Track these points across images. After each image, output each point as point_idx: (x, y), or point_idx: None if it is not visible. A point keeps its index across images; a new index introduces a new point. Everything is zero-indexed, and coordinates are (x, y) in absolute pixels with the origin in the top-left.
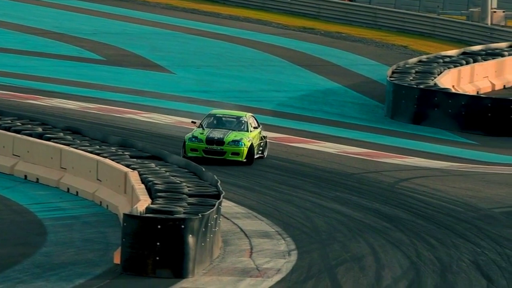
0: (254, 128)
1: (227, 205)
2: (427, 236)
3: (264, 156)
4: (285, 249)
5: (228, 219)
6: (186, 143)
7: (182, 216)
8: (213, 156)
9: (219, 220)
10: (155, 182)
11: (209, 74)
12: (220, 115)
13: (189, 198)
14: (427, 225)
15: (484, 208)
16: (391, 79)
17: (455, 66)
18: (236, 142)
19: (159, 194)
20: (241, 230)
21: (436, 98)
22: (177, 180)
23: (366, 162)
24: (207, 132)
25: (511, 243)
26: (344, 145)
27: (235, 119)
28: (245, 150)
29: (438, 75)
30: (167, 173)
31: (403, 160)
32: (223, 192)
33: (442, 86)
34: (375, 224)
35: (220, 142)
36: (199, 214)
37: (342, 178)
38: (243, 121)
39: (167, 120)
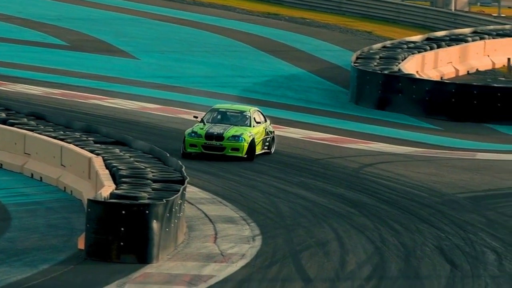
0: (258, 123)
1: (191, 191)
2: (391, 221)
3: (271, 152)
4: (249, 234)
5: (192, 204)
6: (186, 138)
7: (146, 201)
8: (212, 152)
9: (184, 206)
10: (120, 167)
11: (174, 60)
12: (223, 110)
13: (153, 184)
14: (391, 210)
15: (448, 193)
16: (356, 64)
17: (419, 52)
18: (236, 138)
19: (123, 179)
20: (206, 215)
21: (400, 84)
22: (142, 165)
23: (330, 148)
24: (207, 127)
25: (475, 228)
26: (308, 130)
27: (238, 114)
28: (246, 145)
29: (402, 60)
30: (132, 159)
31: (367, 145)
32: (188, 178)
33: (406, 72)
34: (340, 209)
35: (220, 137)
36: (164, 200)
37: (306, 163)
38: (246, 116)
39: (131, 105)
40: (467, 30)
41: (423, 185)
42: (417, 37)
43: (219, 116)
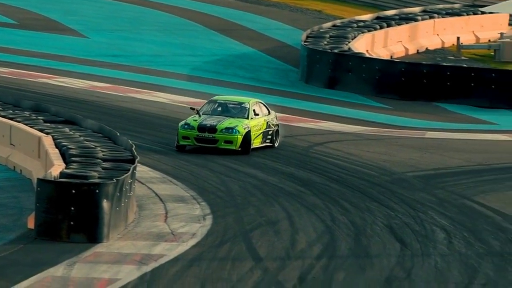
0: (256, 115)
1: (142, 170)
2: (341, 200)
3: (274, 145)
4: (200, 213)
5: (143, 183)
6: (179, 130)
7: (96, 181)
8: (205, 144)
9: (134, 185)
10: (69, 146)
11: (123, 38)
12: (222, 101)
13: (103, 163)
14: (341, 189)
15: (398, 172)
16: (306, 43)
17: (369, 31)
18: (230, 130)
19: (73, 158)
20: (156, 194)
21: (350, 63)
22: (92, 144)
23: (280, 127)
24: (201, 119)
25: (425, 206)
26: None
27: (237, 105)
28: (239, 138)
29: (352, 39)
30: (81, 138)
31: (317, 124)
32: (138, 157)
33: (356, 51)
34: (290, 188)
35: (212, 129)
36: (114, 179)
37: None
38: (245, 108)
39: (81, 84)
40: (416, 9)
41: (373, 164)
42: (367, 16)
43: (216, 108)
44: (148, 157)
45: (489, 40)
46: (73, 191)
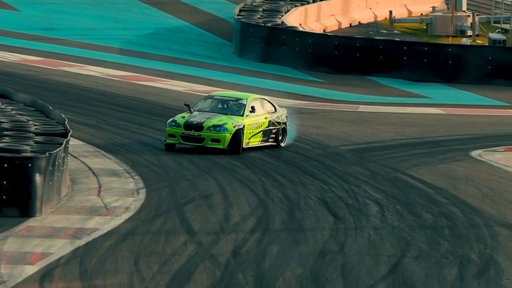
0: (252, 112)
1: (75, 144)
2: (275, 173)
3: (280, 145)
4: (133, 187)
5: (76, 157)
6: (166, 127)
7: (29, 155)
8: (190, 143)
9: (67, 159)
10: (1, 120)
11: (55, 12)
12: (218, 97)
13: (36, 137)
14: (275, 163)
15: (331, 145)
16: (239, 17)
17: (302, 4)
18: (218, 128)
19: (5, 132)
20: (89, 168)
21: (283, 37)
22: (24, 118)
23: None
24: (190, 116)
25: (358, 180)
26: (192, 83)
27: (233, 102)
28: (227, 136)
29: (285, 13)
30: (14, 112)
31: None
32: (71, 131)
33: (289, 25)
34: (223, 162)
35: (199, 127)
36: (47, 153)
37: None
38: (241, 104)
39: (12, 57)
40: None
41: (307, 137)
42: None
43: (212, 104)
44: (81, 131)
45: (421, 14)
46: (5, 165)
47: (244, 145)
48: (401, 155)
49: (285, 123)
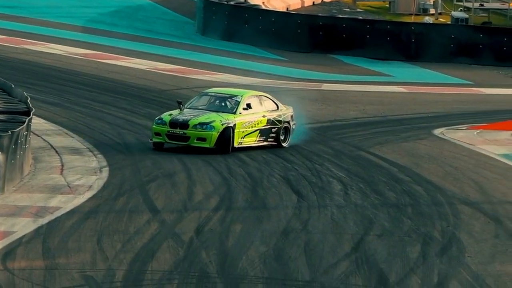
0: (245, 109)
1: (37, 122)
2: (238, 152)
3: (282, 145)
4: (96, 166)
5: (38, 136)
6: (152, 125)
7: None
8: (176, 142)
9: (30, 137)
10: None
11: None
12: (212, 94)
13: None
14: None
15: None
16: None
17: None
18: (204, 126)
19: None
20: (52, 147)
21: (246, 15)
22: None
23: (177, 79)
24: (177, 114)
25: (321, 158)
26: (155, 61)
27: (227, 98)
28: (214, 135)
29: None
30: None
31: (214, 76)
32: (33, 109)
33: (252, 3)
34: None
35: (184, 125)
36: (9, 131)
37: (153, 95)
38: (235, 101)
39: None
40: None
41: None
42: None
43: (205, 101)
44: (44, 109)
45: None
46: None
47: (236, 145)
48: (364, 134)
49: (288, 122)
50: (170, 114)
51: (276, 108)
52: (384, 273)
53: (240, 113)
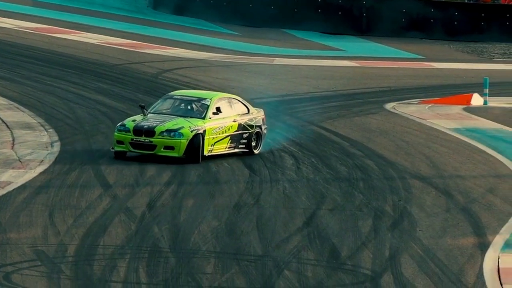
0: (216, 113)
1: None
2: None
3: (254, 152)
4: (48, 140)
5: None
6: (114, 132)
7: None
8: (141, 150)
9: None
10: None
11: None
12: (178, 96)
13: None
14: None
15: (246, 98)
16: None
17: None
18: (172, 133)
19: None
20: (3, 121)
21: None
22: None
23: (129, 53)
24: (142, 119)
25: (272, 132)
26: (106, 35)
27: (195, 102)
28: (183, 143)
29: None
30: None
31: (166, 51)
32: None
33: None
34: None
35: (150, 132)
36: None
37: (105, 69)
38: (204, 105)
39: None
40: None
41: (222, 90)
42: None
43: (170, 105)
44: None
45: None
46: None
47: (206, 153)
48: (316, 108)
49: (260, 127)
50: (134, 120)
51: (247, 112)
52: (336, 247)
53: (210, 118)
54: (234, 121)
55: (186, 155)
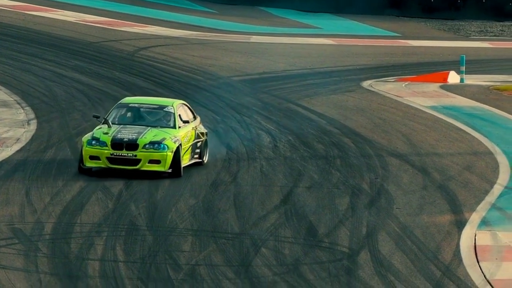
0: (184, 122)
1: None
2: None
3: (203, 161)
4: (24, 118)
5: None
6: (84, 148)
7: None
8: (122, 166)
9: None
10: None
11: None
12: (136, 105)
13: None
14: (167, 93)
15: (223, 76)
16: None
17: None
18: (157, 145)
19: None
20: None
21: None
22: None
23: (105, 31)
24: (114, 131)
25: (250, 111)
26: (82, 13)
27: (157, 110)
28: (169, 156)
29: None
30: None
31: (142, 28)
32: None
33: None
34: (115, 92)
35: (132, 145)
36: None
37: (81, 47)
38: (169, 113)
39: None
40: None
41: (199, 68)
42: None
43: (129, 114)
44: None
45: None
46: None
47: (183, 165)
48: (293, 86)
49: (205, 134)
50: (105, 133)
51: (194, 117)
52: (313, 225)
53: (179, 127)
54: (193, 129)
55: (171, 169)
